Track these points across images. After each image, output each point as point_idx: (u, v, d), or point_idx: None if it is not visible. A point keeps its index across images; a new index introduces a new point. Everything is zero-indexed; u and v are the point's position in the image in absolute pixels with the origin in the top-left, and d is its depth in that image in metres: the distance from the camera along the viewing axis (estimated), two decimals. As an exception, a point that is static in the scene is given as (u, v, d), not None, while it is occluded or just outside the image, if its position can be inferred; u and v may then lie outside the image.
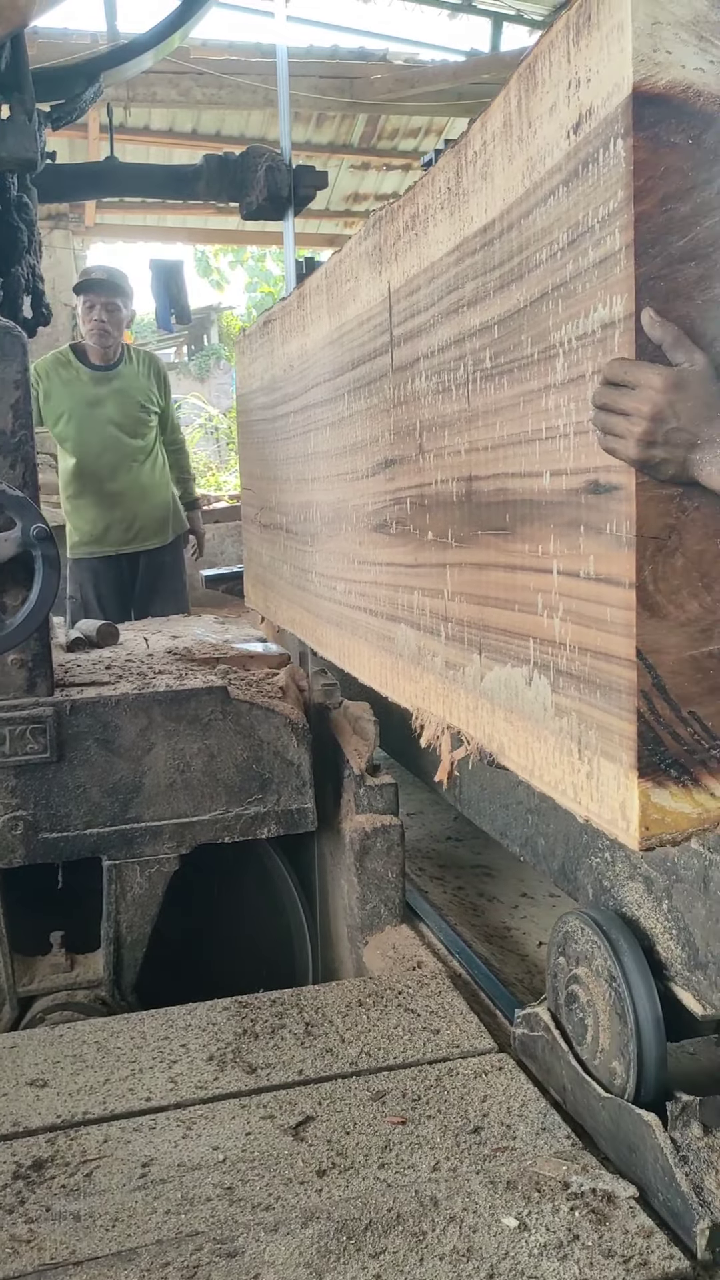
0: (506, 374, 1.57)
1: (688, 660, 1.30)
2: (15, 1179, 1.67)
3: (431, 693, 1.98)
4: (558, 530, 1.45)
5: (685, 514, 1.28)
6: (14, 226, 2.77)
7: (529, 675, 1.56)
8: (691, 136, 1.21)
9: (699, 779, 1.32)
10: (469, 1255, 1.45)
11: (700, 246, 1.23)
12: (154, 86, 8.70)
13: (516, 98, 1.46)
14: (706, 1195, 1.47)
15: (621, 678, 1.31)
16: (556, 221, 1.38)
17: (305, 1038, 2.04)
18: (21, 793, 2.41)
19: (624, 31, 1.19)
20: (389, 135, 10.63)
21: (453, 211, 1.71)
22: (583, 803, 1.45)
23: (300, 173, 3.66)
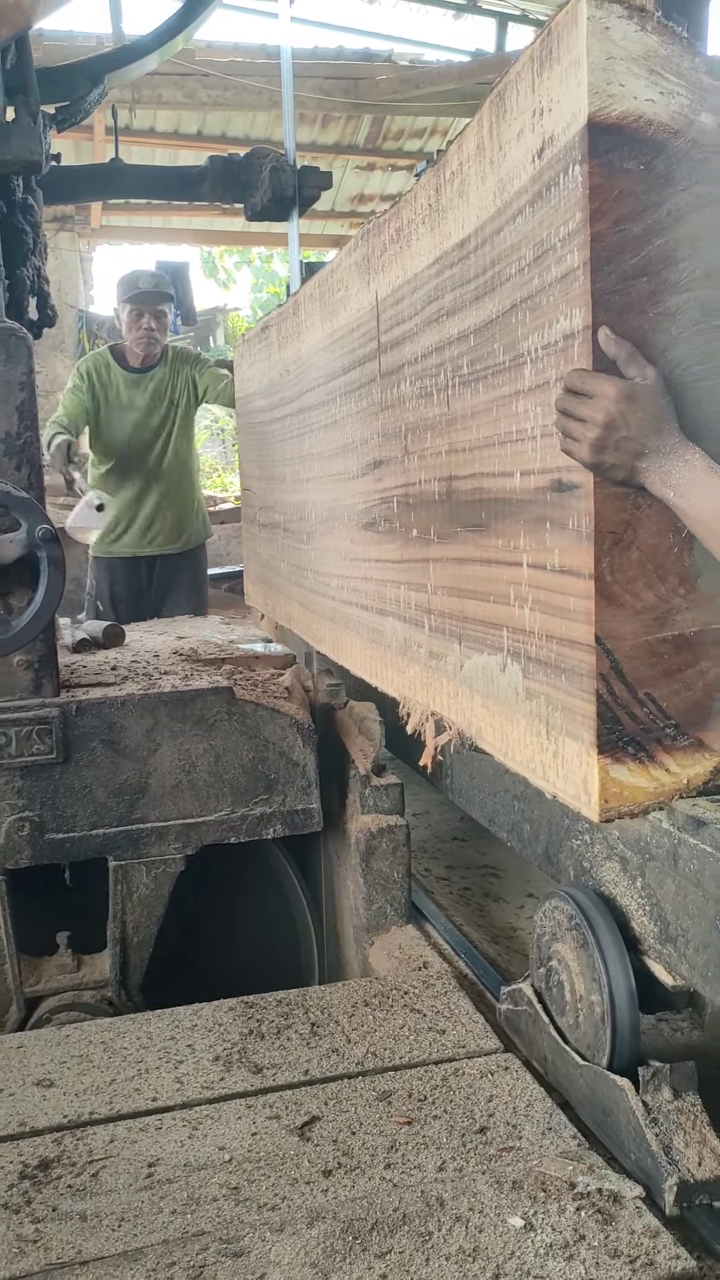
0: (482, 380, 1.66)
1: (643, 646, 1.39)
2: (22, 1179, 1.67)
3: (417, 682, 2.07)
4: (527, 526, 1.55)
5: (640, 510, 1.37)
6: (19, 228, 2.77)
7: (503, 662, 1.66)
8: (643, 163, 1.30)
9: (654, 756, 1.41)
10: (475, 1255, 1.44)
11: (652, 264, 1.32)
12: (159, 88, 8.72)
13: (488, 123, 1.56)
14: (675, 1154, 1.56)
15: (583, 662, 1.41)
16: (524, 239, 1.47)
17: (311, 1038, 2.04)
18: (28, 793, 2.41)
19: (580, 66, 1.28)
20: (394, 136, 10.64)
21: (433, 226, 1.80)
22: (550, 780, 1.54)
23: (305, 173, 3.67)
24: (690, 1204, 1.56)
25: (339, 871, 2.69)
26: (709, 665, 1.42)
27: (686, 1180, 1.55)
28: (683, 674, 1.42)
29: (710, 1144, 1.58)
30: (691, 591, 1.41)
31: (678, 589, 1.41)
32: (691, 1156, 1.57)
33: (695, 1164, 1.57)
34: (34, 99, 2.52)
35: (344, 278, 2.35)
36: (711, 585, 1.42)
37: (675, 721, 1.42)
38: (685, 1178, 1.55)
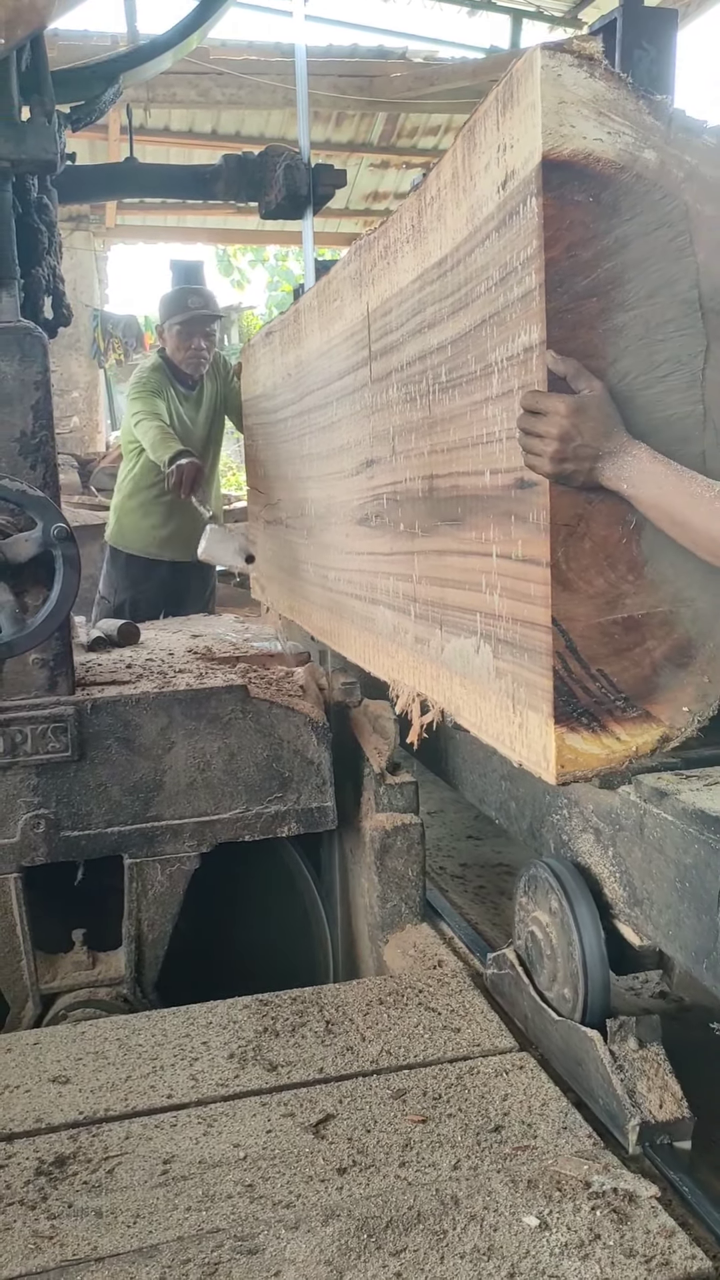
0: (457, 387, 1.81)
1: (596, 627, 1.54)
2: (38, 1175, 1.68)
3: (404, 665, 2.24)
4: (495, 520, 1.70)
5: (591, 505, 1.52)
6: (34, 228, 2.78)
7: (477, 644, 1.81)
8: (592, 195, 1.45)
9: (606, 725, 1.57)
10: (490, 1254, 1.44)
11: (600, 285, 1.47)
12: (174, 87, 8.72)
13: (462, 154, 1.70)
14: (638, 1098, 1.70)
15: (541, 642, 1.55)
16: (492, 260, 1.62)
17: (326, 1036, 2.04)
18: (43, 791, 2.42)
19: (536, 109, 1.42)
20: (408, 133, 10.62)
21: (416, 245, 1.95)
22: (516, 750, 1.70)
23: (319, 171, 3.66)
24: (651, 1143, 1.69)
25: (353, 869, 2.70)
26: (655, 644, 1.57)
27: (648, 1121, 1.69)
28: (631, 652, 1.56)
29: (671, 1089, 1.71)
30: (639, 578, 1.55)
31: (626, 576, 1.54)
32: (653, 1100, 1.71)
33: (656, 1107, 1.71)
34: (49, 99, 2.53)
35: (339, 289, 2.50)
36: (657, 572, 1.55)
37: (625, 695, 1.57)
38: (647, 1119, 1.68)
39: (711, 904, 1.53)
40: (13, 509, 2.35)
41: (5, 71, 2.38)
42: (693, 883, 1.59)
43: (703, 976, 1.60)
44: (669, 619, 1.58)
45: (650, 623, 1.56)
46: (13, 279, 2.48)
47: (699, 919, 1.58)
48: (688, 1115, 1.71)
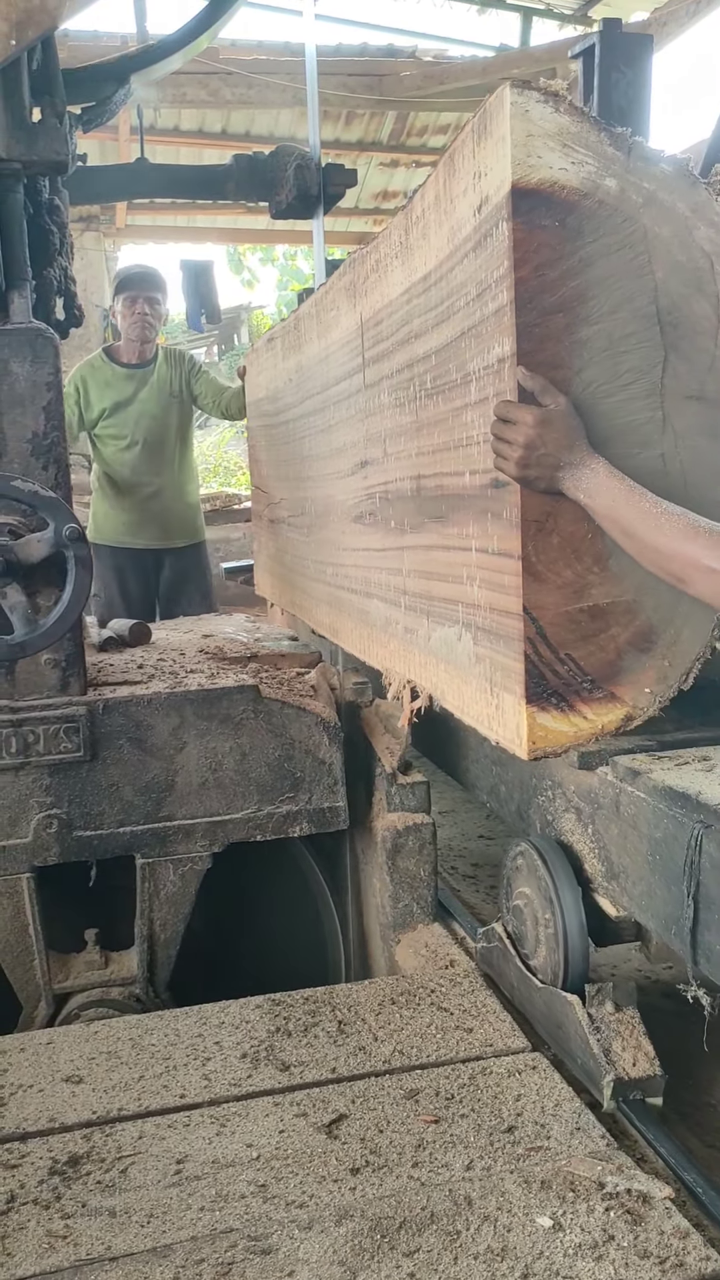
0: (440, 393, 1.93)
1: (564, 614, 1.66)
2: (51, 1174, 1.68)
3: (395, 655, 2.36)
4: (474, 517, 1.81)
5: (559, 504, 1.64)
6: (45, 229, 2.78)
7: (459, 633, 1.93)
8: (558, 220, 1.57)
9: (574, 705, 1.69)
10: (503, 1255, 1.44)
11: (566, 302, 1.59)
12: (184, 87, 8.72)
13: (443, 179, 1.82)
14: (613, 1057, 1.82)
15: (514, 629, 1.67)
16: (469, 278, 1.73)
17: (338, 1036, 2.04)
18: (56, 791, 2.43)
19: (506, 142, 1.54)
20: (418, 132, 10.61)
21: (404, 260, 2.07)
22: (494, 730, 1.81)
23: (329, 171, 3.66)
24: (625, 1099, 1.81)
25: (365, 869, 2.69)
26: (619, 630, 1.69)
27: (622, 1078, 1.81)
28: (597, 638, 1.68)
29: (644, 1049, 1.83)
30: (604, 570, 1.67)
31: (592, 568, 1.66)
32: (627, 1059, 1.83)
33: (630, 1065, 1.82)
34: (60, 100, 2.53)
35: (335, 299, 2.63)
36: (620, 565, 1.66)
37: (591, 677, 1.69)
38: (621, 1076, 1.81)
39: (679, 875, 1.64)
40: (25, 510, 2.36)
41: (16, 73, 2.38)
42: (663, 855, 1.71)
43: (671, 943, 1.72)
44: (632, 607, 1.69)
45: (615, 611, 1.68)
46: (24, 280, 2.48)
47: (668, 889, 1.69)
48: (659, 1073, 1.82)
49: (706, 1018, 1.78)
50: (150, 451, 4.67)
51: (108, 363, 4.69)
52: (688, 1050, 2.06)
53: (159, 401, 4.67)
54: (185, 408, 4.78)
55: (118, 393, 4.63)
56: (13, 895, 2.42)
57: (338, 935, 2.79)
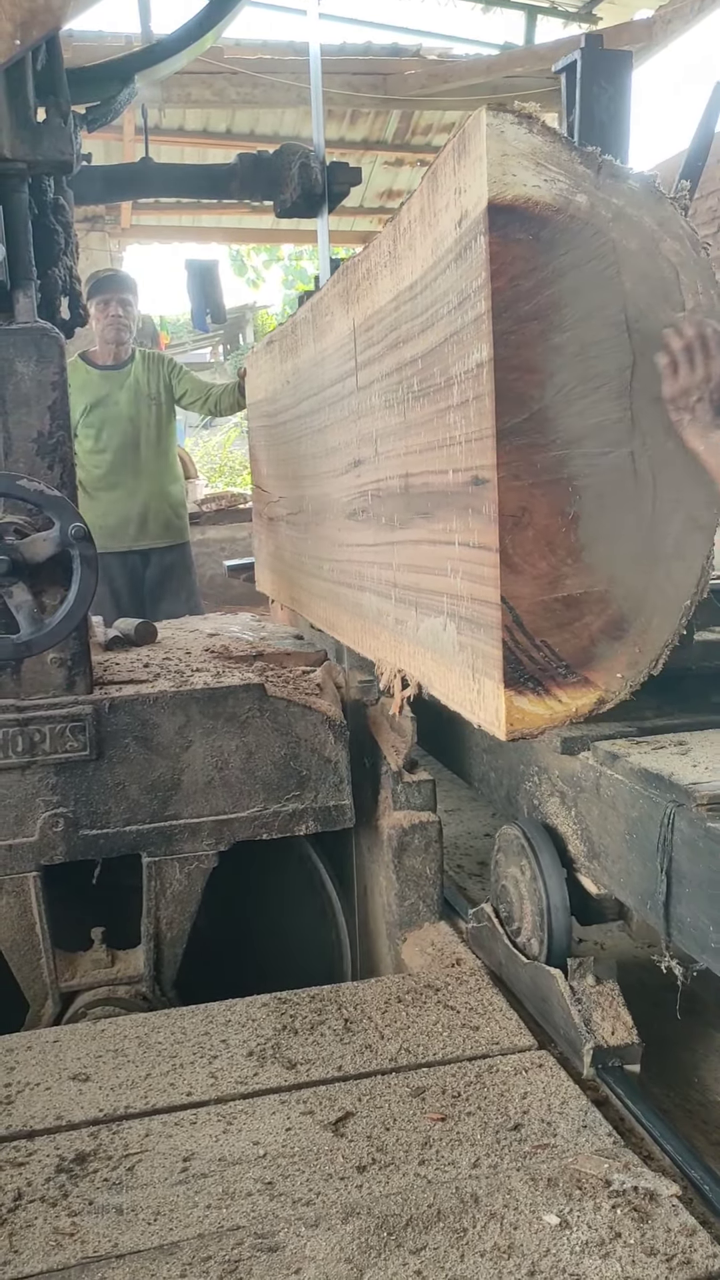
0: (426, 396, 1.99)
1: (539, 604, 1.73)
2: (59, 1172, 1.69)
3: (386, 645, 2.42)
4: (457, 513, 1.88)
5: (533, 499, 1.70)
6: (50, 229, 2.78)
7: (444, 623, 1.99)
8: (532, 234, 1.65)
9: (549, 689, 1.76)
10: (510, 1252, 1.44)
11: (540, 310, 1.66)
12: (188, 86, 8.72)
13: (427, 193, 1.90)
14: (593, 1026, 1.94)
15: (493, 617, 1.73)
16: (451, 287, 1.80)
17: (344, 1034, 2.04)
18: (62, 790, 2.43)
19: (482, 161, 1.62)
20: (423, 131, 10.59)
21: (392, 270, 2.15)
22: (476, 713, 1.88)
23: (334, 170, 3.65)
24: (604, 1065, 1.92)
25: (371, 868, 2.69)
26: (592, 619, 1.76)
27: (601, 1046, 1.92)
28: (571, 626, 1.75)
29: (623, 1019, 1.95)
30: (578, 562, 1.74)
31: (566, 560, 1.73)
32: (606, 1028, 1.94)
33: (609, 1033, 1.94)
34: (64, 99, 2.53)
35: (330, 305, 2.72)
36: (593, 556, 1.74)
37: (566, 663, 1.76)
38: (600, 1044, 1.93)
39: (653, 852, 1.76)
40: (30, 509, 2.36)
41: (21, 73, 2.39)
42: (638, 834, 1.83)
43: (647, 917, 1.83)
44: (604, 597, 1.76)
45: (588, 600, 1.76)
46: (29, 280, 2.49)
47: (644, 865, 1.80)
48: (637, 1042, 1.93)
49: (680, 987, 1.91)
50: (125, 453, 4.72)
51: (83, 365, 4.74)
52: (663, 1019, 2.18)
53: (134, 404, 4.73)
54: (163, 410, 4.82)
55: (93, 394, 4.67)
56: (19, 894, 2.43)
57: (344, 933, 2.79)
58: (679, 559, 1.79)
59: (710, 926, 1.65)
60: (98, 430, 4.68)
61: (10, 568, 2.30)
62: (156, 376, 4.80)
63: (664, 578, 1.79)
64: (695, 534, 1.79)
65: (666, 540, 1.78)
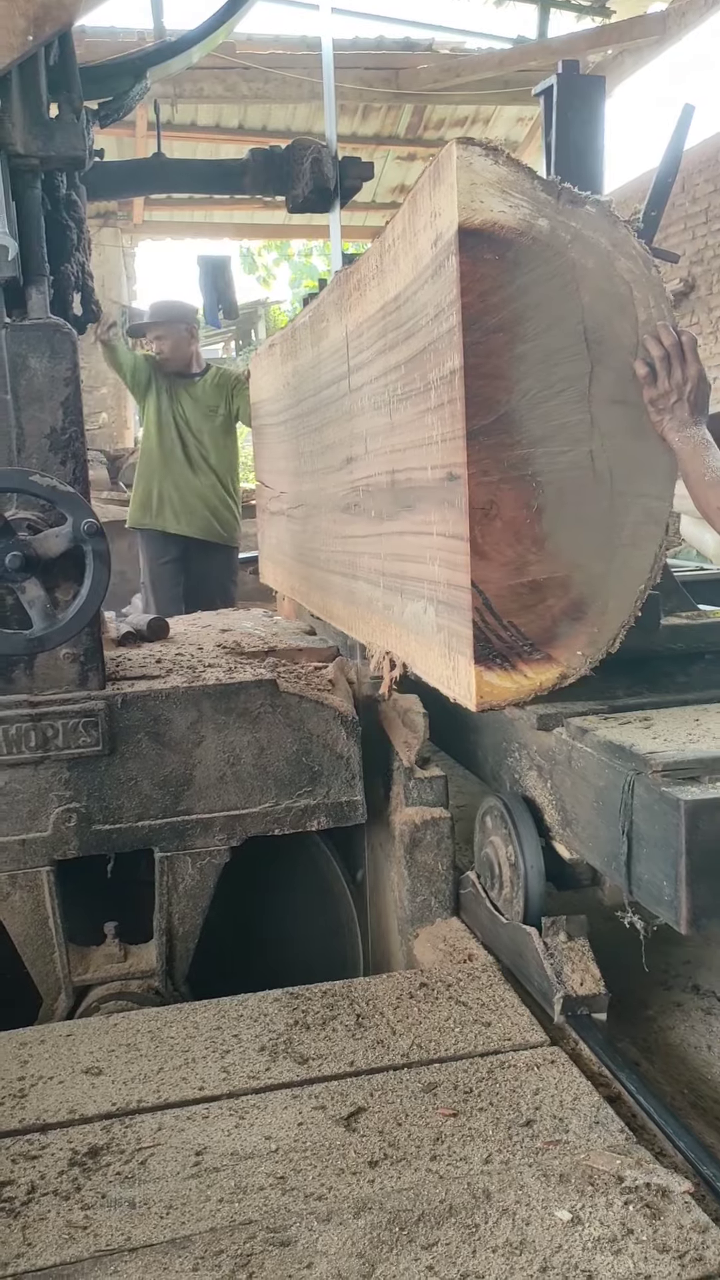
0: (409, 399, 2.15)
1: (507, 588, 1.89)
2: (71, 1165, 1.69)
3: (376, 629, 2.58)
4: (435, 506, 2.04)
5: (501, 493, 1.86)
6: (63, 225, 2.78)
7: (425, 607, 2.15)
8: (498, 254, 1.81)
9: (516, 665, 1.92)
10: (522, 1248, 1.44)
11: (506, 323, 1.83)
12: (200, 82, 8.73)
13: (408, 214, 2.06)
14: (564, 978, 2.11)
15: (465, 600, 1.89)
16: (429, 301, 1.96)
17: (356, 1029, 2.05)
18: (75, 785, 2.44)
19: (454, 189, 1.78)
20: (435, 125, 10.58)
21: (379, 282, 2.30)
22: (451, 688, 2.05)
23: (346, 165, 3.64)
24: (573, 1013, 2.09)
25: (383, 864, 2.70)
26: (555, 602, 1.92)
27: (570, 995, 2.09)
28: (536, 608, 1.91)
29: (591, 972, 2.11)
30: (541, 550, 1.90)
31: (531, 548, 1.89)
32: (576, 979, 2.11)
33: (578, 984, 2.10)
34: (77, 95, 2.53)
35: (326, 311, 2.88)
36: (556, 545, 1.90)
37: (531, 641, 1.92)
38: (569, 993, 2.09)
39: (616, 816, 1.90)
40: (43, 505, 2.37)
41: (34, 68, 2.39)
42: (604, 801, 1.97)
43: (613, 877, 1.99)
44: (566, 582, 1.92)
45: (551, 585, 1.92)
46: (42, 276, 2.49)
47: (609, 830, 1.95)
48: (604, 992, 2.09)
49: (643, 940, 2.05)
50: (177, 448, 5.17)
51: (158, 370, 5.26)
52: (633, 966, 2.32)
53: (196, 412, 5.19)
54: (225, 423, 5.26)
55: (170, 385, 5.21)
56: (33, 888, 2.43)
57: (355, 929, 2.79)
58: (634, 548, 1.95)
59: (664, 881, 1.79)
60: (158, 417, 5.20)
61: (23, 563, 2.31)
62: (221, 393, 5.23)
63: (621, 565, 1.95)
64: (649, 525, 1.95)
65: (623, 531, 1.94)
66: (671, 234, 10.22)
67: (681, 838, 1.71)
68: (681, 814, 1.71)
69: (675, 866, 1.74)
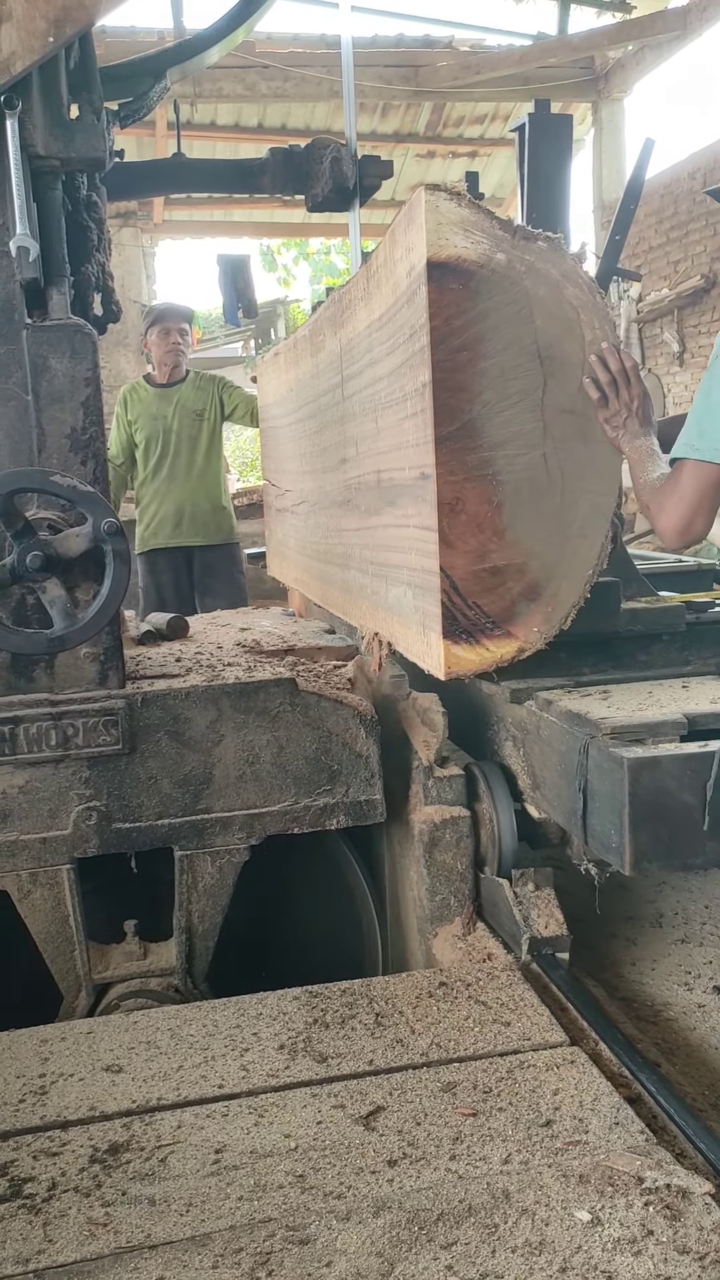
0: (390, 407, 2.40)
1: (470, 573, 2.15)
2: (92, 1162, 1.70)
3: (366, 613, 2.85)
4: (411, 501, 2.29)
5: (465, 490, 2.13)
6: (84, 225, 2.79)
7: (405, 591, 2.42)
8: (462, 283, 2.08)
9: (479, 640, 2.19)
10: (541, 1248, 1.44)
11: (469, 342, 2.10)
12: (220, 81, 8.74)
13: (389, 246, 2.33)
14: (531, 923, 2.33)
15: (435, 584, 2.16)
16: (406, 322, 2.22)
17: (375, 1028, 2.05)
18: (95, 784, 2.45)
19: (423, 228, 2.06)
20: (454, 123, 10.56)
21: (366, 303, 2.57)
22: (425, 661, 2.33)
23: (366, 163, 3.64)
24: (538, 953, 2.31)
25: (402, 862, 2.70)
26: (513, 584, 2.18)
27: (536, 937, 2.31)
28: (497, 590, 2.17)
29: (556, 917, 2.34)
30: (502, 539, 2.16)
31: (492, 538, 2.15)
32: (542, 924, 2.33)
33: (544, 927, 2.33)
34: (97, 96, 2.54)
35: (322, 326, 3.19)
36: (515, 536, 2.17)
37: (493, 619, 2.19)
38: (535, 936, 2.31)
39: (574, 775, 2.13)
40: (64, 505, 2.38)
41: (54, 70, 2.40)
42: (565, 764, 2.19)
43: (573, 830, 2.20)
44: (523, 568, 2.18)
45: (509, 570, 2.17)
46: (63, 277, 2.50)
47: (569, 789, 2.17)
48: (566, 934, 2.32)
49: (596, 886, 2.31)
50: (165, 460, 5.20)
51: (144, 384, 5.35)
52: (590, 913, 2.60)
53: (179, 418, 5.20)
54: (211, 425, 5.27)
55: (149, 408, 5.22)
56: (53, 886, 2.45)
57: (375, 928, 2.79)
58: (583, 538, 2.20)
59: (611, 830, 2.00)
60: (147, 438, 5.21)
61: (44, 563, 2.32)
62: (207, 395, 5.24)
63: (571, 552, 2.20)
64: (597, 518, 2.21)
65: (574, 523, 2.19)
66: (693, 230, 10.18)
67: (625, 791, 1.94)
68: (625, 770, 1.94)
69: (620, 816, 1.96)
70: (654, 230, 10.68)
